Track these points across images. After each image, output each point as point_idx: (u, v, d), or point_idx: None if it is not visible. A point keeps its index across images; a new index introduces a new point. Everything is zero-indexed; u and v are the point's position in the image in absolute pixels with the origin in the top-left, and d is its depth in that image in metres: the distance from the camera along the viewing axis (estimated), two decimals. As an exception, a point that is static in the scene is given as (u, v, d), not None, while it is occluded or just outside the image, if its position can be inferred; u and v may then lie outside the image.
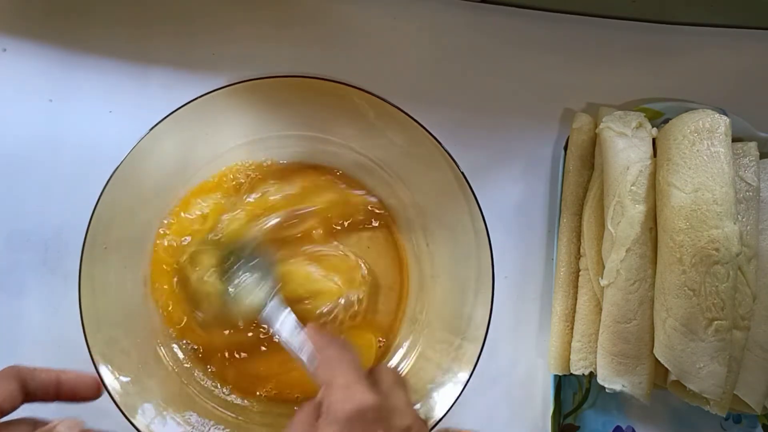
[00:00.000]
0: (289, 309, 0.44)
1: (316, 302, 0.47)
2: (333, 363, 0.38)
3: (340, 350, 0.39)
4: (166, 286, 0.47)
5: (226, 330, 0.47)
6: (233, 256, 0.47)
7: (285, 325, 0.43)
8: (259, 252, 0.47)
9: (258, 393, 0.48)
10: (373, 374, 0.39)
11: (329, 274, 0.48)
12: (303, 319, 0.44)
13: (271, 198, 0.49)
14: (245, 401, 0.48)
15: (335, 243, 0.49)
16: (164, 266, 0.47)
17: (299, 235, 0.49)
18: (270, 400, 0.48)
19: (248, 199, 0.48)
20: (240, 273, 0.46)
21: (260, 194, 0.49)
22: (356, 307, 0.48)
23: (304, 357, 0.41)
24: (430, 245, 0.50)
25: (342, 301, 0.48)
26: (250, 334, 0.48)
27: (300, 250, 0.48)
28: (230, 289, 0.46)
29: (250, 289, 0.46)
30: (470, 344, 0.46)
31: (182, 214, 0.48)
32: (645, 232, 0.46)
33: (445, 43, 0.55)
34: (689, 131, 0.46)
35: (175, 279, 0.47)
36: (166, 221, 0.48)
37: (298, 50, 0.53)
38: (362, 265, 0.49)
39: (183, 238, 0.47)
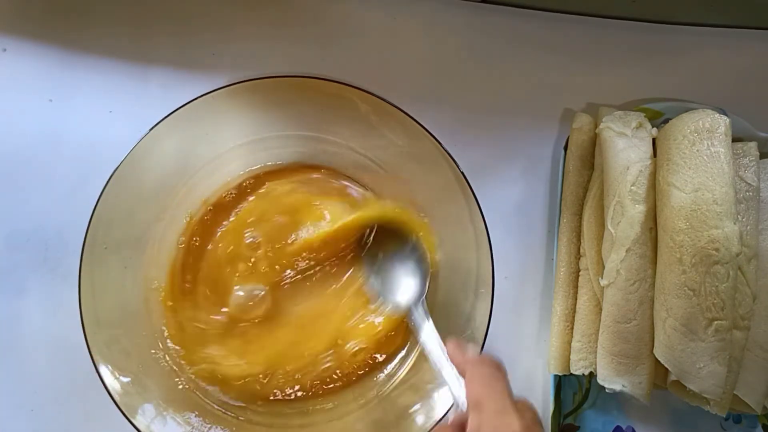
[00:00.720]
0: (431, 321, 0.44)
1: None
2: (486, 383, 0.37)
3: (494, 370, 0.38)
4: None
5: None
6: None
7: (429, 334, 0.44)
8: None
9: (257, 393, 0.48)
10: (516, 402, 0.37)
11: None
12: None
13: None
14: (245, 401, 0.48)
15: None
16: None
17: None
18: (270, 401, 0.48)
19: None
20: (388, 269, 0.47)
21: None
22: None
23: (446, 371, 0.40)
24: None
25: None
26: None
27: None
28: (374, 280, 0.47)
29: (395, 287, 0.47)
30: (470, 344, 0.46)
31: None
32: (645, 232, 0.46)
33: (445, 43, 0.55)
34: (689, 131, 0.46)
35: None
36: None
37: (298, 50, 0.53)
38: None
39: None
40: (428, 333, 0.44)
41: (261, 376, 0.47)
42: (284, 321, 0.48)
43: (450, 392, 0.40)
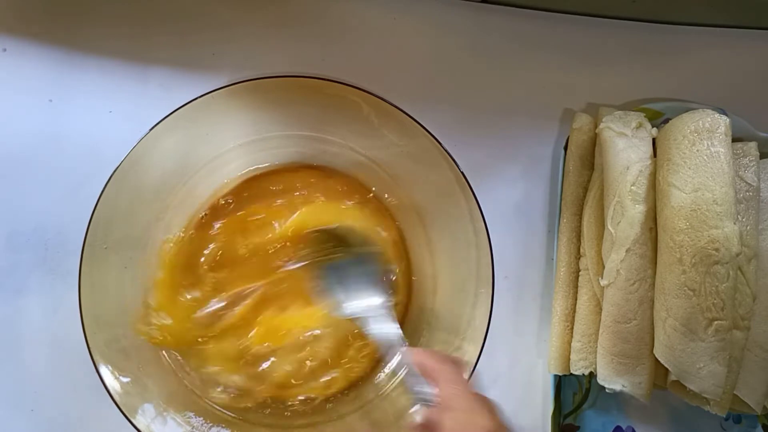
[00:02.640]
0: (397, 324, 0.44)
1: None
2: (452, 383, 0.37)
3: (457, 369, 0.39)
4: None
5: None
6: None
7: (385, 331, 0.43)
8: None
9: (257, 394, 0.48)
10: (483, 399, 0.38)
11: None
12: None
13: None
14: (245, 401, 0.48)
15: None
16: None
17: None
18: (270, 400, 0.48)
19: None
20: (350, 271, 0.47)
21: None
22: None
23: (409, 377, 0.40)
24: (430, 245, 0.50)
25: None
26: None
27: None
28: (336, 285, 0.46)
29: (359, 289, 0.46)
30: (470, 344, 0.46)
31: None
32: (645, 232, 0.46)
33: (446, 43, 0.55)
34: (689, 131, 0.46)
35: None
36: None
37: (299, 50, 0.53)
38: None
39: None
40: (391, 335, 0.43)
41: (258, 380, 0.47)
42: (274, 326, 0.48)
43: (414, 393, 0.39)
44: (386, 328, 0.44)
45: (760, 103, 0.56)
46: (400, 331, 0.43)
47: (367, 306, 0.45)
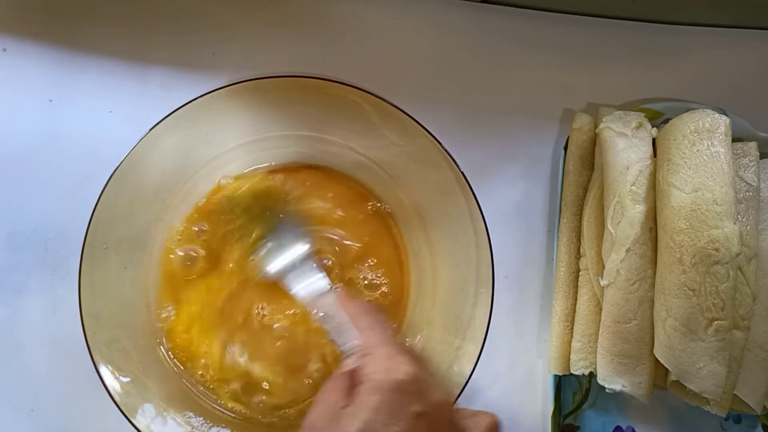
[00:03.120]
0: (323, 273, 0.44)
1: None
2: (373, 331, 0.38)
3: (378, 318, 0.39)
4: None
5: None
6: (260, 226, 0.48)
7: (310, 285, 0.44)
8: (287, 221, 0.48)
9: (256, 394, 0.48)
10: (404, 347, 0.39)
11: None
12: None
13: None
14: (245, 401, 0.48)
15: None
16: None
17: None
18: (270, 400, 0.48)
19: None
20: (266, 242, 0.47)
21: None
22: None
23: (329, 320, 0.41)
24: (430, 245, 0.50)
25: None
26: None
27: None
28: (252, 257, 0.47)
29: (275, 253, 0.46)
30: (470, 344, 0.46)
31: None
32: (645, 232, 0.46)
33: (446, 43, 0.55)
34: (689, 131, 0.46)
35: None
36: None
37: (299, 50, 0.53)
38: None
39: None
40: (319, 284, 0.44)
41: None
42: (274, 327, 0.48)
43: (335, 338, 0.40)
44: (312, 279, 0.44)
45: (760, 103, 0.55)
46: (327, 279, 0.44)
47: (290, 261, 0.46)
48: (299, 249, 0.47)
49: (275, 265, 0.46)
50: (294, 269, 0.45)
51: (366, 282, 0.49)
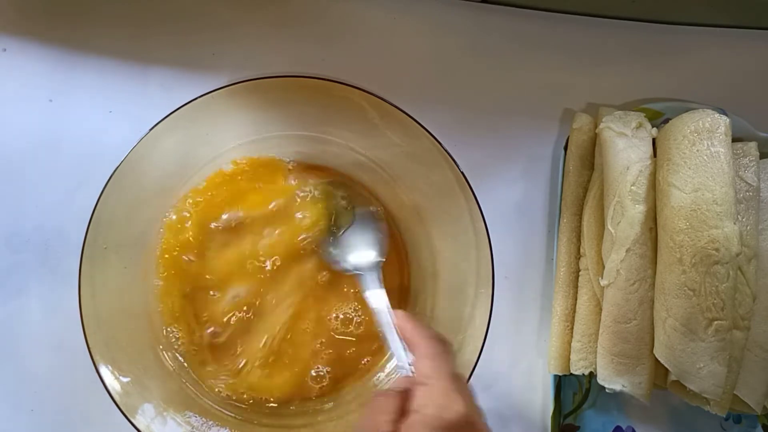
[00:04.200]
0: (383, 290, 0.45)
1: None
2: (433, 361, 0.37)
3: (441, 347, 0.38)
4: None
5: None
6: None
7: (379, 299, 0.44)
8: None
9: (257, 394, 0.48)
10: (459, 382, 0.37)
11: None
12: None
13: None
14: (245, 401, 0.48)
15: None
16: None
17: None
18: (270, 400, 0.48)
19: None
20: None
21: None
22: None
23: (391, 341, 0.40)
24: (430, 245, 0.50)
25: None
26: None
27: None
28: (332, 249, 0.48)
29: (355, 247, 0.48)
30: (470, 344, 0.46)
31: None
32: (645, 232, 0.46)
33: (446, 43, 0.55)
34: (689, 131, 0.46)
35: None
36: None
37: (298, 50, 0.53)
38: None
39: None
40: (379, 299, 0.44)
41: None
42: (272, 318, 0.48)
43: (396, 359, 0.40)
44: (373, 290, 0.45)
45: (760, 103, 0.55)
46: (385, 296, 0.44)
47: (363, 261, 0.47)
48: (373, 255, 0.47)
49: (355, 257, 0.47)
50: (365, 272, 0.46)
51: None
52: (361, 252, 0.48)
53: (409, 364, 0.39)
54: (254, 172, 0.49)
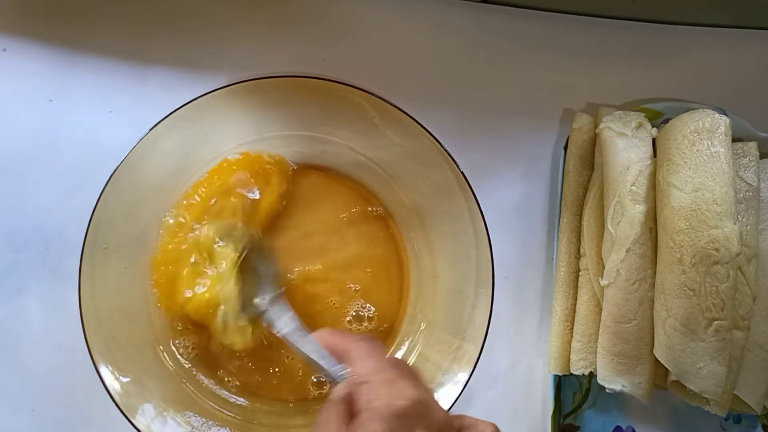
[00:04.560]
0: (293, 313, 0.44)
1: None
2: (369, 358, 0.36)
3: (373, 344, 0.38)
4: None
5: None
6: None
7: (289, 325, 0.43)
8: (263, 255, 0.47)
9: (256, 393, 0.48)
10: (402, 368, 0.37)
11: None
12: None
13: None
14: (245, 401, 0.48)
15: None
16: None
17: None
18: (270, 400, 0.48)
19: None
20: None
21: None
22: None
23: (315, 356, 0.39)
24: (430, 245, 0.50)
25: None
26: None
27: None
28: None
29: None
30: (470, 344, 0.46)
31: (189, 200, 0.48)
32: (645, 232, 0.46)
33: (446, 43, 0.55)
34: (689, 131, 0.46)
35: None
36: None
37: (298, 50, 0.53)
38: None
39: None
40: (291, 323, 0.43)
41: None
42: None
43: (321, 369, 0.39)
44: (284, 319, 0.43)
45: (760, 103, 0.55)
46: (297, 319, 0.43)
47: (264, 301, 0.45)
48: (270, 291, 0.45)
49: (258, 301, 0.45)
50: (269, 310, 0.44)
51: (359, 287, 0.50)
52: (262, 293, 0.45)
53: (334, 371, 0.38)
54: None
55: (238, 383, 0.48)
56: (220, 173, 0.48)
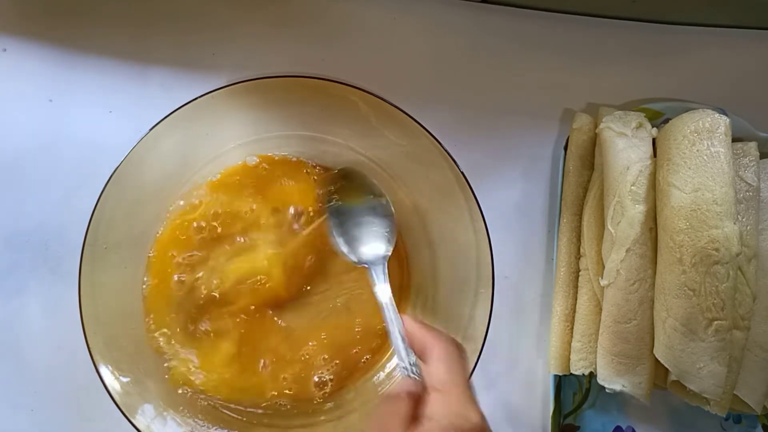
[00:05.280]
0: (389, 285, 0.44)
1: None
2: (451, 365, 0.35)
3: (452, 350, 0.37)
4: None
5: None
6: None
7: (385, 295, 0.43)
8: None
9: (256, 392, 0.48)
10: (472, 389, 0.36)
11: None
12: None
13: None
14: (245, 401, 0.48)
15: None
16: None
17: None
18: (270, 400, 0.48)
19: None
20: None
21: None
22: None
23: (398, 341, 0.39)
24: (430, 245, 0.50)
25: None
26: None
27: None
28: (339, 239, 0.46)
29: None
30: (470, 344, 0.46)
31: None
32: (645, 232, 0.46)
33: (446, 43, 0.55)
34: (689, 131, 0.46)
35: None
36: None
37: (298, 50, 0.53)
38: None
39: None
40: (385, 294, 0.43)
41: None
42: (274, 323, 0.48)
43: (398, 355, 0.39)
44: (380, 285, 0.44)
45: (760, 103, 0.55)
46: (390, 291, 0.43)
47: (371, 254, 0.45)
48: (383, 249, 0.46)
49: (365, 250, 0.46)
50: (373, 266, 0.45)
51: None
52: (369, 245, 0.46)
53: (411, 364, 0.38)
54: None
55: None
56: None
